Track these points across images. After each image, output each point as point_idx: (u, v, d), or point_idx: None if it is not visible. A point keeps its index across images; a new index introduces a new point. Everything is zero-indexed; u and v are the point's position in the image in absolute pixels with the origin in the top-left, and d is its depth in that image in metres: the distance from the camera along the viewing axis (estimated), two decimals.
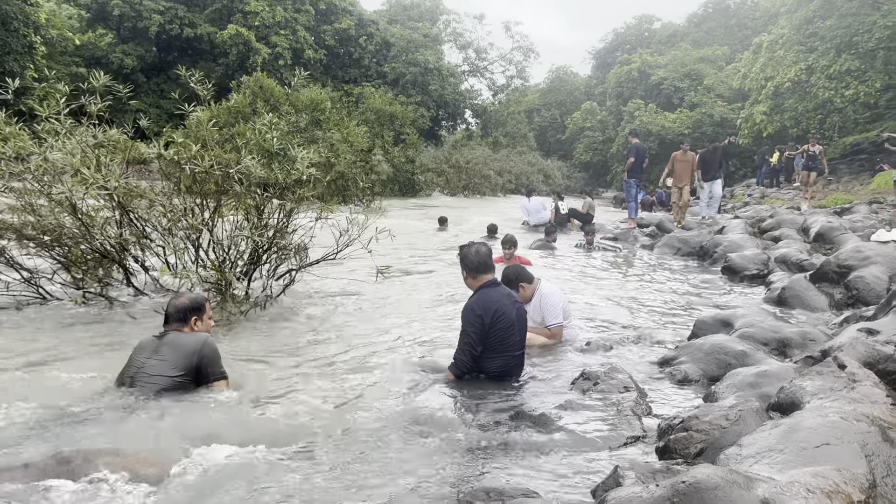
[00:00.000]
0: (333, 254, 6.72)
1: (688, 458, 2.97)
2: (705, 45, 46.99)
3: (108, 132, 6.66)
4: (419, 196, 29.47)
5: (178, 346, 3.75)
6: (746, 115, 29.36)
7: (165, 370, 3.64)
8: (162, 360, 3.68)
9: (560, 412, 3.78)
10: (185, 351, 3.72)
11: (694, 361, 4.79)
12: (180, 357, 3.70)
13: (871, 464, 2.40)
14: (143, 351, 3.76)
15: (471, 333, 4.27)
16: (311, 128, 22.06)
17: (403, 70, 42.18)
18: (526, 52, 51.78)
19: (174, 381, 3.64)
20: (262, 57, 35.19)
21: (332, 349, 5.34)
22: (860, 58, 22.33)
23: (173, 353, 3.71)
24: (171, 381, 3.63)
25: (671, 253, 12.51)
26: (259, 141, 7.09)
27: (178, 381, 3.65)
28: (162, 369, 3.64)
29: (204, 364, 3.73)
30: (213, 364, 3.78)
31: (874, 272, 6.89)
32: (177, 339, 3.79)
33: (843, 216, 13.90)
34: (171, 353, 3.71)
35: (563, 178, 45.02)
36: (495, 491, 2.66)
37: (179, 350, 3.72)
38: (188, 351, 3.72)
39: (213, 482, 2.78)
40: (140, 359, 3.72)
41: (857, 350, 3.95)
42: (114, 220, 6.56)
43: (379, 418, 3.66)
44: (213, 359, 3.78)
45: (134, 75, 33.49)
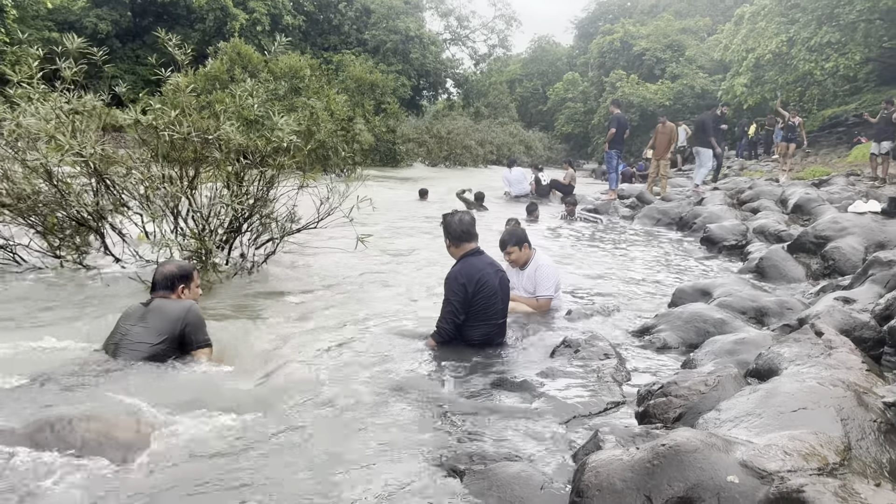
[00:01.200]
0: (315, 222, 6.68)
1: (667, 422, 3.02)
2: (687, 16, 46.80)
3: (83, 98, 6.53)
4: (400, 166, 29.32)
5: (162, 312, 3.72)
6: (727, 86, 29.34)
7: (149, 337, 3.62)
8: (146, 327, 3.65)
9: (542, 379, 3.81)
10: (170, 318, 3.69)
11: (673, 329, 4.85)
12: (164, 324, 3.67)
13: (846, 427, 2.45)
14: (129, 318, 3.73)
15: (453, 302, 4.28)
16: (290, 95, 21.79)
17: (384, 38, 41.67)
18: (508, 21, 51.39)
19: (157, 347, 3.62)
20: (240, 23, 34.58)
21: (314, 318, 5.33)
22: (841, 30, 22.34)
23: (158, 319, 3.68)
24: (155, 347, 3.61)
25: (651, 224, 12.60)
26: (238, 108, 6.98)
27: (162, 347, 3.63)
28: (145, 336, 3.62)
29: (188, 332, 3.70)
30: (198, 332, 3.75)
31: (851, 243, 6.98)
32: (162, 306, 3.76)
33: (820, 188, 14.04)
34: (156, 319, 3.68)
35: (544, 149, 44.97)
36: (478, 455, 2.69)
37: (164, 317, 3.70)
38: (172, 318, 3.69)
39: (192, 449, 2.78)
40: (125, 326, 3.69)
41: (834, 318, 4.02)
42: (90, 188, 6.45)
43: (361, 386, 3.67)
44: (198, 326, 3.76)
45: (109, 40, 32.78)
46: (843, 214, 7.93)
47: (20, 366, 3.58)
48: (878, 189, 13.15)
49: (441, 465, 2.68)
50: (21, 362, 3.69)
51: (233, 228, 6.72)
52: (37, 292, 5.68)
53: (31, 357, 3.83)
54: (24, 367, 3.56)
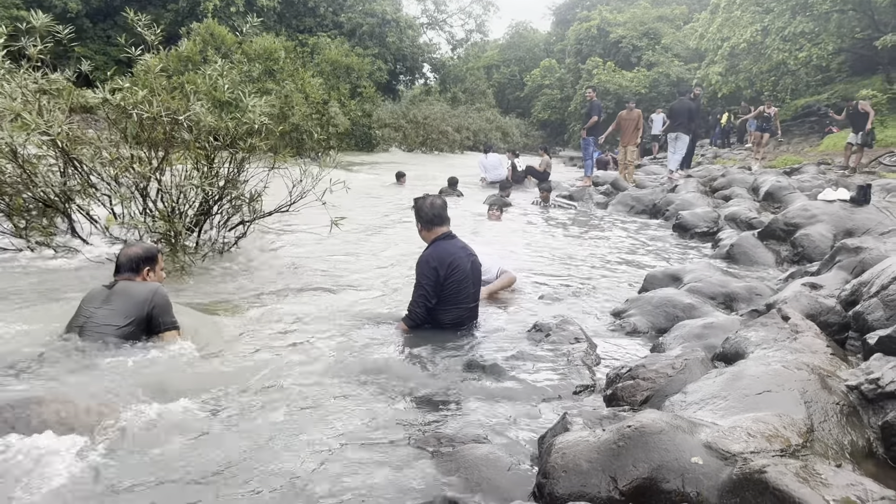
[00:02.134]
0: (287, 205, 6.62)
1: (634, 405, 3.04)
2: (664, 4, 46.92)
3: (50, 77, 6.38)
4: (376, 151, 29.15)
5: (128, 295, 3.65)
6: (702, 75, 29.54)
7: (115, 319, 3.56)
8: (111, 309, 3.58)
9: (512, 362, 3.81)
10: (136, 300, 3.63)
11: (643, 314, 4.89)
12: (130, 306, 3.61)
13: (809, 409, 2.49)
14: (93, 300, 3.65)
15: (425, 286, 4.27)
16: (264, 78, 21.53)
17: (360, 20, 41.25)
18: (485, 6, 51.13)
19: (123, 330, 3.56)
20: (214, 3, 33.97)
21: (285, 301, 5.29)
22: (814, 20, 22.54)
23: (123, 302, 3.62)
24: (121, 330, 3.55)
25: (625, 211, 12.67)
26: (209, 89, 6.87)
27: (128, 330, 3.57)
28: (111, 318, 3.56)
29: (155, 314, 3.64)
30: (165, 314, 3.69)
31: (820, 230, 7.08)
32: (127, 288, 3.69)
33: (791, 176, 14.22)
34: (121, 302, 3.61)
35: (521, 135, 44.93)
36: (446, 437, 2.69)
37: (130, 299, 3.63)
38: (139, 300, 3.63)
39: (157, 432, 2.74)
40: (90, 308, 3.61)
41: (801, 303, 4.07)
42: (57, 169, 6.32)
43: (331, 368, 3.65)
44: (165, 308, 3.70)
45: (79, 20, 32.08)
46: (813, 202, 8.03)
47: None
48: (847, 178, 13.34)
49: (409, 446, 2.67)
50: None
51: (203, 211, 6.63)
52: (1, 274, 5.57)
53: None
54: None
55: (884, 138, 17.22)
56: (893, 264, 3.93)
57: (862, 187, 7.72)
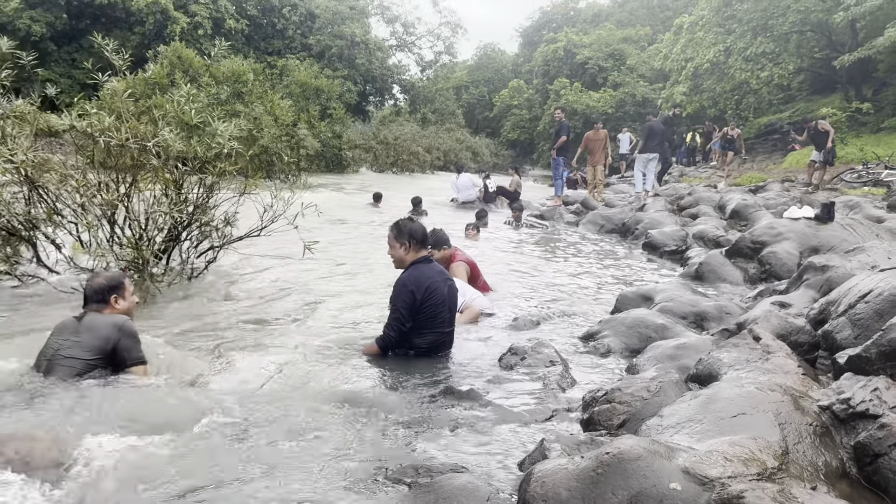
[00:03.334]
0: (258, 230, 6.56)
1: (611, 429, 3.04)
2: (628, 26, 47.78)
3: (14, 102, 6.28)
4: (347, 172, 29.09)
5: (94, 328, 3.58)
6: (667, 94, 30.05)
7: (81, 353, 3.48)
8: (78, 342, 3.51)
9: (488, 387, 3.80)
10: (101, 334, 3.55)
11: (616, 335, 4.91)
12: (95, 340, 3.53)
13: (783, 431, 2.51)
14: (61, 333, 3.58)
15: (401, 309, 4.25)
16: (232, 100, 21.40)
17: (329, 43, 41.32)
18: (454, 28, 51.51)
19: (89, 363, 3.48)
20: (181, 26, 33.82)
21: (257, 328, 5.23)
22: (774, 41, 23.12)
23: (89, 335, 3.54)
24: (87, 364, 3.47)
25: (595, 230, 12.78)
26: (178, 113, 6.81)
27: (94, 363, 3.49)
28: (77, 352, 3.48)
29: (120, 348, 3.56)
30: (131, 349, 3.60)
31: (786, 248, 7.19)
32: (94, 321, 3.61)
33: (757, 194, 14.48)
34: (88, 335, 3.54)
35: (490, 155, 45.21)
36: (424, 467, 2.66)
37: (95, 332, 3.56)
38: (104, 334, 3.55)
39: (120, 467, 2.67)
40: (58, 341, 3.53)
41: (771, 322, 4.12)
42: (22, 196, 6.20)
43: (305, 397, 3.60)
44: (130, 343, 3.61)
45: (43, 43, 31.67)
46: (779, 220, 8.17)
47: None
48: (811, 195, 13.62)
49: (386, 478, 2.64)
50: None
51: (172, 237, 6.55)
52: None
53: None
54: None
55: (844, 155, 17.65)
56: (859, 283, 4.01)
57: (826, 205, 7.88)
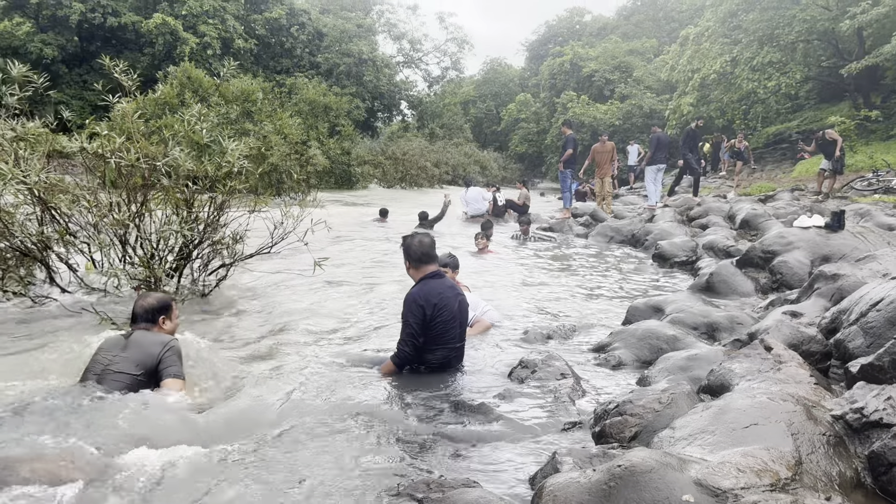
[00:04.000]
0: (268, 247, 6.60)
1: (623, 441, 3.03)
2: (634, 38, 47.98)
3: (27, 125, 6.36)
4: (356, 188, 29.22)
5: (141, 344, 3.75)
6: (674, 106, 30.11)
7: (129, 368, 3.63)
8: (126, 357, 3.67)
9: (499, 401, 3.80)
10: (148, 351, 3.71)
11: (627, 347, 4.90)
12: (142, 355, 3.69)
13: (796, 442, 2.49)
14: (111, 348, 3.74)
15: (413, 324, 4.25)
16: (242, 119, 21.59)
17: (337, 60, 41.66)
18: (460, 44, 51.86)
19: (136, 378, 3.62)
20: (190, 47, 34.19)
21: (268, 344, 5.25)
22: (781, 50, 23.14)
23: (137, 351, 3.71)
24: (134, 378, 3.61)
25: (604, 241, 12.77)
26: (188, 133, 6.88)
27: (140, 379, 3.63)
28: (125, 367, 3.63)
29: (162, 361, 3.70)
30: (171, 364, 3.73)
31: (797, 257, 7.16)
32: (141, 338, 3.80)
33: (766, 203, 14.44)
34: (135, 351, 3.71)
35: (499, 169, 45.34)
36: (436, 482, 2.66)
37: (142, 349, 3.72)
38: (151, 351, 3.71)
39: (143, 485, 2.69)
40: (108, 356, 3.69)
41: (783, 332, 4.10)
42: (35, 217, 6.27)
43: (319, 413, 3.61)
44: (173, 359, 3.75)
45: (55, 66, 32.10)
46: (789, 229, 8.13)
47: None
48: (821, 203, 13.57)
49: (398, 493, 2.64)
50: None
51: (183, 255, 6.60)
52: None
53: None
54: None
55: (854, 163, 17.58)
56: (871, 291, 3.99)
57: (836, 213, 7.84)
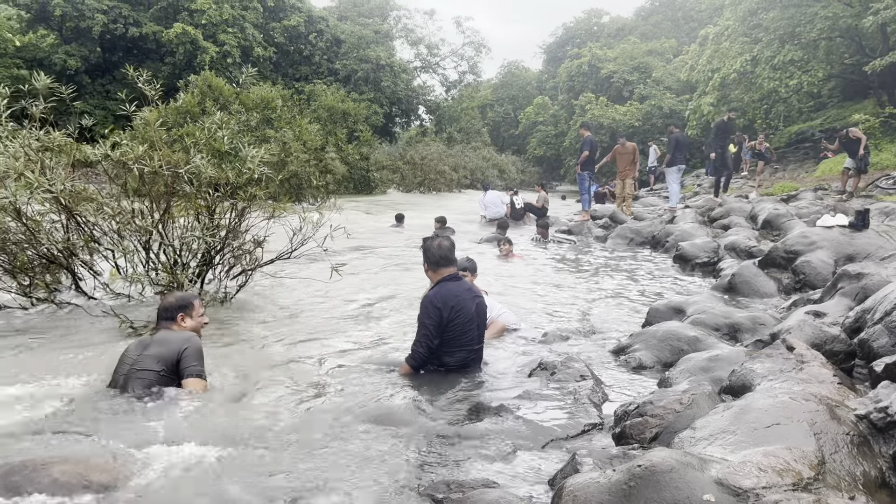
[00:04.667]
0: (288, 253, 6.66)
1: (644, 442, 3.02)
2: (653, 39, 47.76)
3: (51, 135, 6.47)
4: (374, 193, 29.35)
5: (164, 342, 3.83)
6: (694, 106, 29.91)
7: (152, 365, 3.71)
8: (149, 355, 3.75)
9: (518, 402, 3.80)
10: (170, 347, 3.79)
11: (648, 348, 4.87)
12: (164, 353, 3.76)
13: (819, 441, 2.47)
14: (136, 349, 3.83)
15: (429, 325, 4.27)
16: (262, 126, 21.75)
17: (355, 67, 41.90)
18: (477, 48, 51.86)
19: (159, 375, 3.70)
20: (210, 55, 34.56)
21: (289, 348, 5.29)
22: (803, 48, 22.89)
23: (159, 348, 3.79)
24: (158, 374, 3.69)
25: (624, 243, 12.70)
26: (209, 140, 6.97)
27: (163, 376, 3.71)
28: (149, 364, 3.71)
29: (183, 359, 3.76)
30: (192, 361, 3.80)
31: (820, 256, 7.09)
32: (165, 336, 3.89)
33: (789, 203, 14.29)
34: (158, 348, 3.79)
35: (517, 172, 45.33)
36: (455, 483, 2.67)
37: (164, 346, 3.80)
38: (172, 348, 3.79)
39: (169, 485, 2.72)
40: (132, 356, 3.78)
41: (805, 332, 4.06)
42: (60, 225, 6.38)
43: (338, 415, 3.63)
44: (194, 356, 3.81)
45: (78, 76, 32.60)
46: (812, 229, 8.06)
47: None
48: (845, 202, 13.40)
49: (418, 494, 2.65)
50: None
51: (205, 261, 6.67)
52: (6, 332, 5.56)
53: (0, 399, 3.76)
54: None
55: (879, 161, 17.34)
56: None
57: (860, 212, 7.75)
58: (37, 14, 33.33)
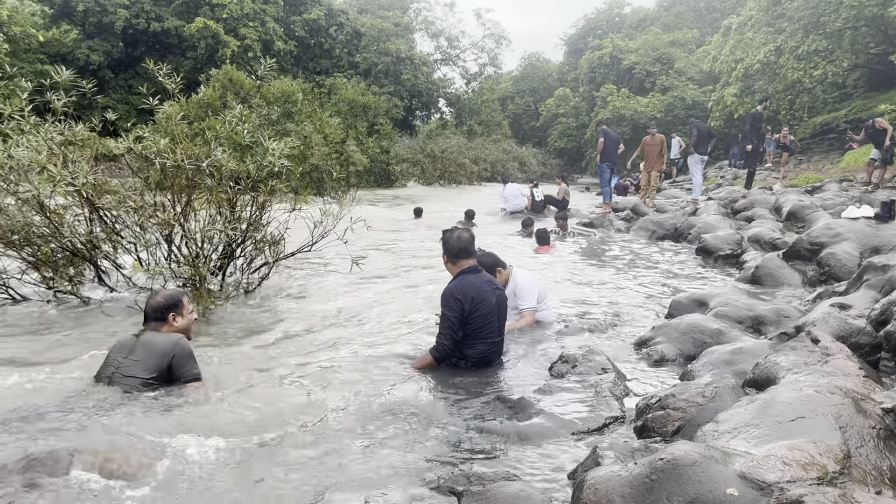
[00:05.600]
0: (308, 246, 6.68)
1: (666, 436, 2.99)
2: (675, 29, 47.29)
3: (74, 129, 6.54)
4: (395, 186, 29.39)
5: (150, 346, 3.70)
6: (717, 97, 29.57)
7: (138, 371, 3.60)
8: (136, 360, 3.63)
9: (539, 395, 3.79)
10: (157, 352, 3.67)
11: (670, 341, 4.83)
12: (152, 358, 3.65)
13: (845, 435, 2.44)
14: (121, 350, 3.71)
15: (451, 318, 4.26)
16: (282, 120, 21.86)
17: (375, 60, 41.97)
18: (498, 40, 51.69)
19: (147, 382, 3.59)
20: (231, 49, 34.79)
21: (310, 340, 5.31)
22: (827, 38, 22.54)
23: (146, 353, 3.66)
24: (145, 382, 3.58)
25: (646, 236, 12.60)
26: (230, 134, 7.00)
27: (151, 382, 3.60)
28: (135, 370, 3.60)
29: (176, 366, 3.67)
30: (185, 365, 3.71)
31: (845, 248, 6.98)
32: (151, 340, 3.74)
33: (814, 195, 14.09)
34: (144, 353, 3.66)
35: (538, 164, 45.16)
36: (476, 475, 2.66)
37: (151, 350, 3.67)
38: (159, 352, 3.67)
39: (190, 478, 2.75)
40: (118, 358, 3.66)
41: (830, 324, 4.00)
42: (83, 218, 6.45)
43: (359, 408, 3.64)
44: (185, 360, 3.72)
45: (101, 71, 32.98)
46: (837, 220, 7.94)
47: (14, 400, 3.55)
48: (870, 194, 13.19)
49: (438, 486, 2.65)
50: (15, 396, 3.66)
51: (226, 254, 6.71)
52: (30, 325, 5.65)
53: (25, 390, 3.80)
54: (17, 401, 3.53)
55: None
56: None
57: (886, 203, 7.63)
58: (60, 9, 33.73)
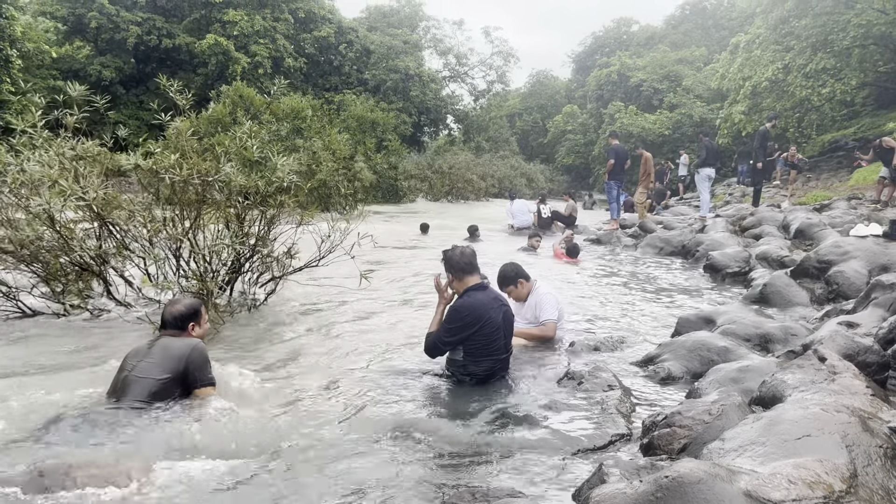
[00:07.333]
0: (316, 260, 6.71)
1: (672, 453, 2.98)
2: (683, 47, 47.40)
3: (85, 144, 6.61)
4: (403, 202, 29.47)
5: (167, 349, 3.77)
6: (725, 114, 29.59)
7: (153, 372, 3.65)
8: (151, 362, 3.69)
9: (545, 412, 3.78)
10: (174, 354, 3.73)
11: (677, 359, 4.82)
12: (168, 360, 3.71)
13: (851, 454, 2.42)
14: (137, 354, 3.78)
15: (450, 328, 4.31)
16: (292, 136, 22.01)
17: (384, 77, 42.21)
18: (506, 57, 51.86)
19: (161, 383, 3.63)
20: (242, 66, 35.09)
21: (316, 355, 5.32)
22: (835, 56, 22.57)
23: (162, 355, 3.73)
24: (159, 382, 3.63)
25: (654, 252, 12.58)
26: (239, 149, 7.06)
27: (165, 383, 3.64)
28: (150, 371, 3.65)
29: (191, 369, 3.72)
30: (200, 370, 3.76)
31: (854, 266, 6.96)
32: (168, 343, 3.81)
33: (822, 212, 14.05)
34: (161, 355, 3.73)
35: (545, 181, 45.21)
36: (480, 492, 2.66)
37: (168, 353, 3.74)
38: (177, 355, 3.73)
39: (194, 492, 2.75)
40: (133, 361, 3.73)
41: (837, 343, 3.98)
42: (93, 232, 6.50)
43: (364, 422, 3.64)
44: (201, 364, 3.77)
45: (113, 87, 33.29)
46: (846, 238, 7.92)
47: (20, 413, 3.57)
48: (879, 212, 13.15)
49: (443, 502, 2.65)
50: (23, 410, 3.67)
51: (234, 268, 6.74)
52: (40, 339, 5.68)
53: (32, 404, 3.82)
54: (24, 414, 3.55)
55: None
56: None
57: (894, 221, 7.61)
58: (73, 26, 34.14)
